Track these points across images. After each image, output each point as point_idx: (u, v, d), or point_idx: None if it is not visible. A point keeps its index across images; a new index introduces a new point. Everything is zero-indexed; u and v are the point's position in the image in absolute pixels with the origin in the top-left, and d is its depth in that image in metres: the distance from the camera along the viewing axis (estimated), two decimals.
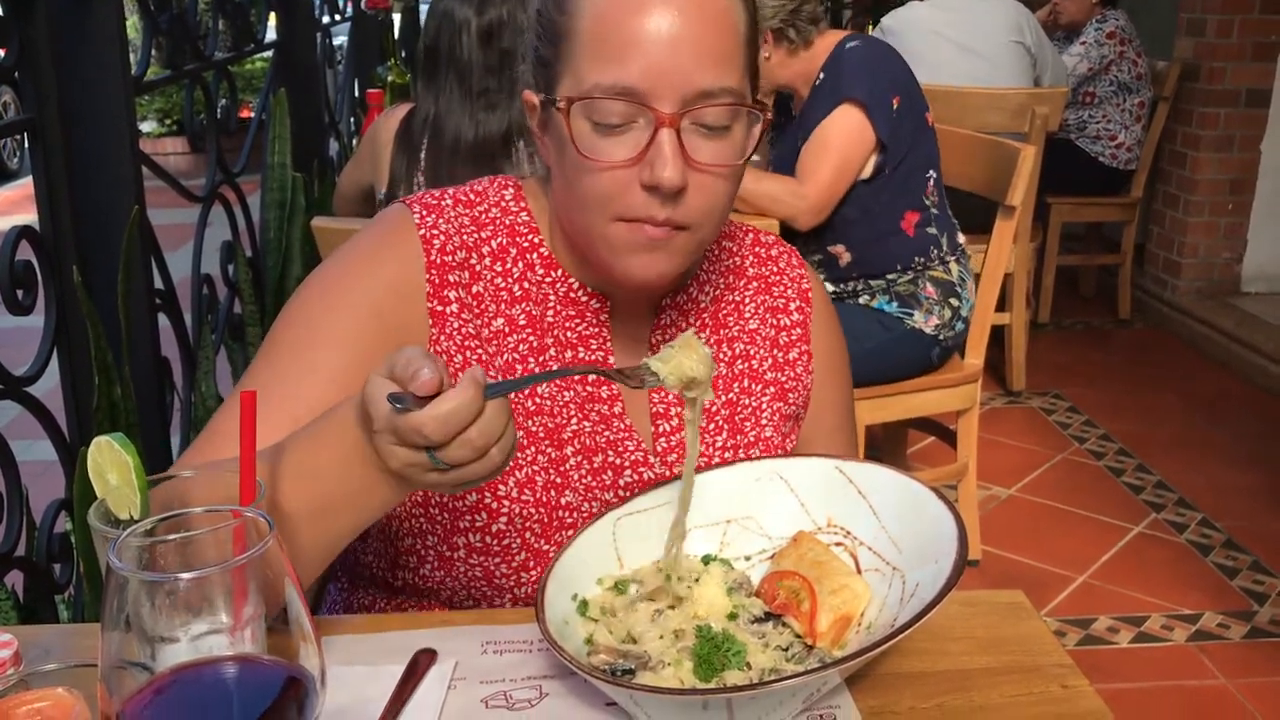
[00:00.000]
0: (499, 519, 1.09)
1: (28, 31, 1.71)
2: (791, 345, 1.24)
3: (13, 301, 1.64)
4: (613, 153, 1.01)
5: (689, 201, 1.01)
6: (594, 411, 1.14)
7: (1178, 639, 2.78)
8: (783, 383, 1.23)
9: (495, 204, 1.17)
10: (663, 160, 0.99)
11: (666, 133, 0.99)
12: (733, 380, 1.21)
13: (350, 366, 1.06)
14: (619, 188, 1.01)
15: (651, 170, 0.99)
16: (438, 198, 1.16)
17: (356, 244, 1.14)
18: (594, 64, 1.00)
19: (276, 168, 2.76)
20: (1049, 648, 1.02)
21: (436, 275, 1.11)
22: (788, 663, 0.95)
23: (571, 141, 1.01)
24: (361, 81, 3.98)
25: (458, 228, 1.13)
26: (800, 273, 1.28)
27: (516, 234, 1.15)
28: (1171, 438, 3.90)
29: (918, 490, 1.01)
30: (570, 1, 1.02)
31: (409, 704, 0.93)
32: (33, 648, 0.97)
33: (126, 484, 0.86)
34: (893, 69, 2.68)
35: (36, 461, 1.90)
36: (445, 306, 1.11)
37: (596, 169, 1.01)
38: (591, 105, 1.00)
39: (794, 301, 1.26)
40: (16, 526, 1.67)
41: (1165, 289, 5.09)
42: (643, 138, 1.00)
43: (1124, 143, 4.73)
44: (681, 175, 0.99)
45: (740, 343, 1.22)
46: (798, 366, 1.24)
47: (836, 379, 1.30)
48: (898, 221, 2.71)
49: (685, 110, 0.99)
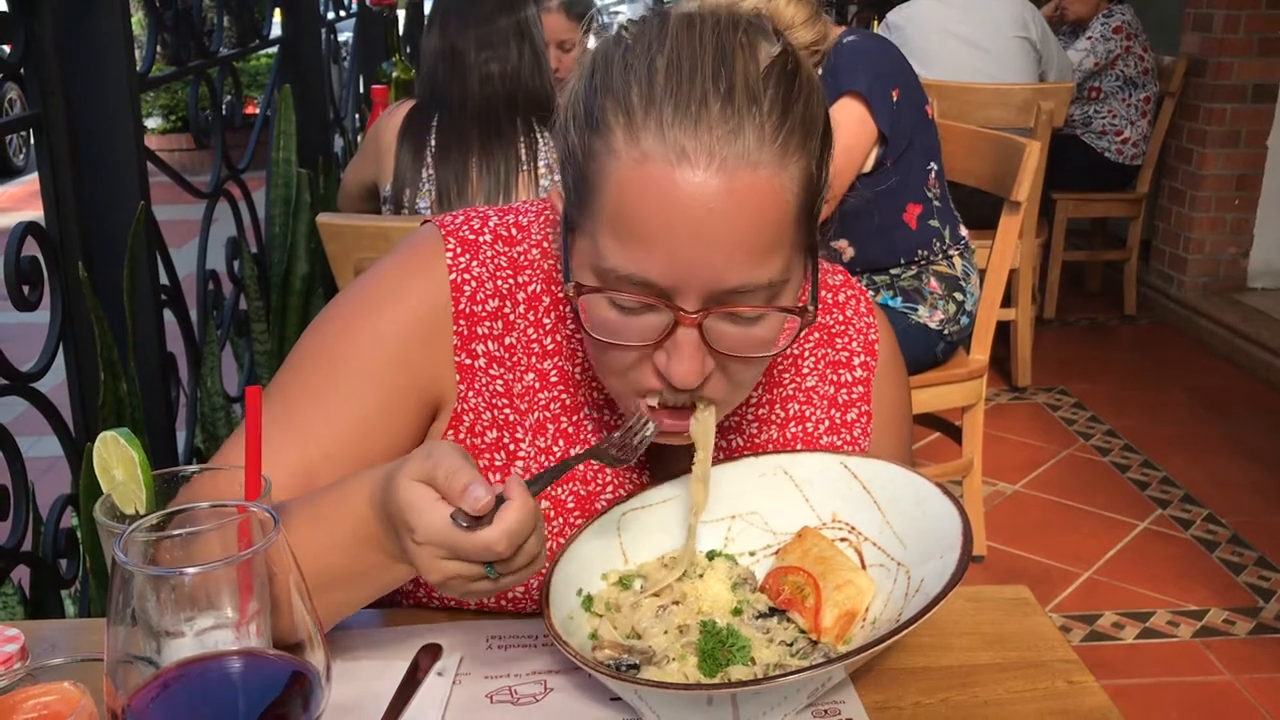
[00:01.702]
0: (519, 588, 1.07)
1: (33, 27, 1.71)
2: (851, 405, 1.14)
3: (19, 297, 1.64)
4: (629, 335, 0.90)
5: (710, 384, 0.92)
6: (627, 480, 1.09)
7: (1183, 635, 2.78)
8: (838, 447, 1.14)
9: (536, 244, 1.07)
10: (679, 358, 0.89)
11: (685, 332, 0.88)
12: (784, 445, 1.12)
13: (369, 415, 1.01)
14: (635, 364, 0.92)
15: (668, 363, 0.89)
16: (476, 230, 1.06)
17: (383, 275, 1.06)
18: (614, 245, 0.88)
19: (281, 164, 2.77)
20: (1054, 643, 1.02)
21: (466, 326, 1.03)
22: (792, 658, 0.95)
23: (582, 325, 0.92)
24: (366, 77, 3.98)
25: (493, 271, 1.04)
26: (868, 321, 1.16)
27: (554, 282, 1.06)
28: (1177, 434, 3.89)
29: (923, 486, 1.01)
30: (595, 153, 0.89)
31: (414, 699, 0.93)
32: (39, 642, 0.98)
33: (132, 479, 0.87)
34: (890, 61, 2.67)
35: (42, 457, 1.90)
36: (474, 360, 1.03)
37: (608, 349, 0.93)
38: (606, 292, 0.90)
39: (858, 356, 1.14)
40: (23, 522, 1.67)
41: (1171, 285, 5.08)
42: (661, 322, 0.89)
43: (1130, 138, 4.72)
44: (699, 374, 0.90)
45: (795, 403, 1.13)
46: (855, 429, 1.14)
47: (895, 442, 1.18)
48: (899, 214, 2.70)
49: (709, 309, 0.88)
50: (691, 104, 0.85)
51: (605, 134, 0.88)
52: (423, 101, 2.35)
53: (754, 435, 1.12)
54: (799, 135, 0.88)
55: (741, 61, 0.87)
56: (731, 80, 0.86)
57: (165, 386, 2.03)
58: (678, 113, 0.85)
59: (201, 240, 2.38)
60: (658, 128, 0.85)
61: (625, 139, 0.87)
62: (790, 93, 0.88)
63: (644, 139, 0.86)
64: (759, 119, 0.86)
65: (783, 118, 0.87)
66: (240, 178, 2.57)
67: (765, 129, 0.86)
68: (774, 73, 0.88)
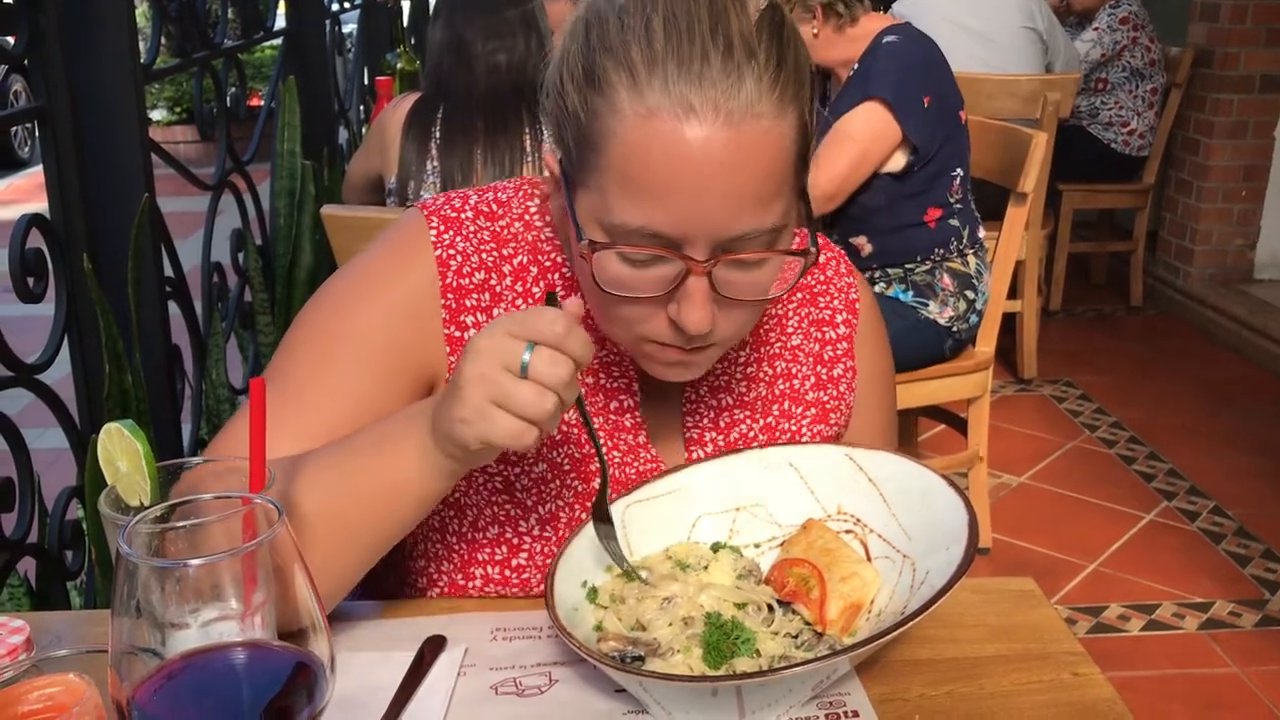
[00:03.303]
0: (519, 554, 1.08)
1: (37, 19, 1.71)
2: (836, 361, 1.17)
3: (24, 289, 1.64)
4: (639, 288, 0.93)
5: (716, 329, 0.95)
6: (621, 441, 1.10)
7: (1189, 627, 2.77)
8: (825, 403, 1.17)
9: (519, 217, 1.10)
10: (691, 306, 0.92)
11: (696, 280, 0.91)
12: (772, 402, 1.15)
13: (367, 391, 1.03)
14: (645, 315, 0.95)
15: (680, 312, 0.93)
16: (457, 208, 1.09)
17: (372, 258, 1.09)
18: (623, 200, 0.90)
19: (286, 156, 2.76)
20: (1060, 635, 1.02)
21: (453, 299, 1.05)
22: (797, 650, 0.95)
23: (595, 280, 0.94)
24: (371, 69, 3.98)
25: (476, 245, 1.07)
26: (849, 280, 1.20)
27: (539, 252, 1.09)
28: (1183, 425, 3.88)
29: (928, 477, 1.01)
30: (599, 112, 0.91)
31: (419, 691, 0.93)
32: (44, 634, 0.98)
33: (137, 471, 0.87)
34: (927, 67, 2.66)
35: (48, 449, 1.91)
36: (463, 333, 1.05)
37: (619, 303, 0.95)
38: (618, 248, 0.92)
39: (841, 314, 1.18)
40: (28, 513, 1.67)
41: (1178, 276, 5.07)
42: (671, 273, 0.92)
43: (1136, 129, 4.70)
44: (710, 320, 0.93)
45: (782, 360, 1.16)
46: (841, 384, 1.17)
47: (879, 398, 1.22)
48: (920, 215, 2.70)
49: (718, 257, 0.91)
50: (694, 60, 0.88)
51: (608, 92, 0.90)
52: (428, 93, 2.34)
53: (743, 394, 1.15)
54: (793, 85, 0.91)
55: (734, 16, 0.90)
56: (728, 35, 0.88)
57: (170, 378, 2.03)
58: (681, 69, 0.88)
59: (206, 232, 2.38)
60: (662, 84, 0.88)
61: (629, 96, 0.89)
62: (782, 44, 0.91)
63: (649, 95, 0.88)
64: (758, 71, 0.89)
65: (778, 69, 0.90)
66: (245, 170, 2.57)
67: (764, 80, 0.89)
68: (765, 25, 0.91)
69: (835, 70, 2.78)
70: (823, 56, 2.75)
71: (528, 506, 1.08)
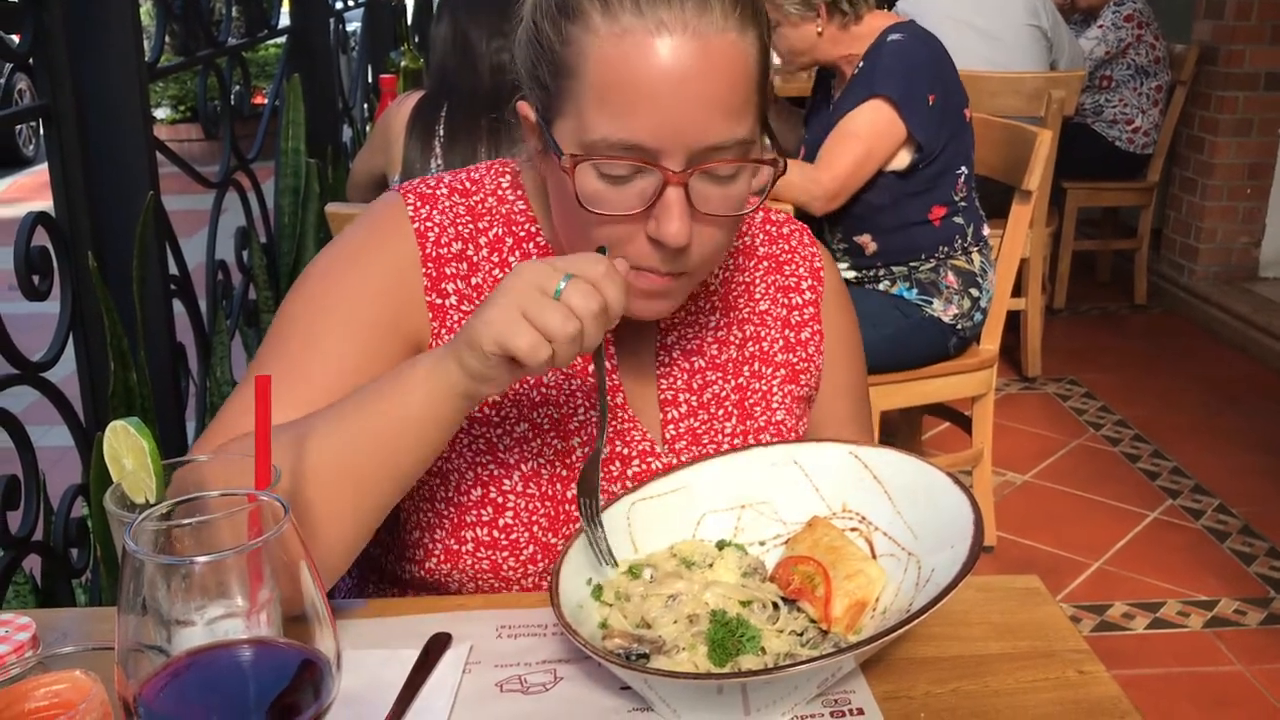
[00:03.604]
0: (505, 513, 1.09)
1: (42, 18, 1.71)
2: (804, 325, 1.23)
3: (29, 287, 1.65)
4: (618, 205, 0.98)
5: (692, 251, 1.00)
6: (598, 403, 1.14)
7: (1194, 625, 2.77)
8: (794, 364, 1.22)
9: (491, 192, 1.15)
10: (669, 218, 0.97)
11: (674, 191, 0.96)
12: (743, 363, 1.20)
13: (360, 359, 1.06)
14: (624, 236, 1.00)
15: (659, 226, 0.98)
16: (432, 186, 1.14)
17: (352, 237, 1.13)
18: (601, 116, 0.96)
19: (290, 153, 2.77)
20: (1065, 633, 1.02)
21: (434, 268, 1.10)
22: (802, 648, 0.94)
23: (576, 196, 0.98)
24: (375, 67, 3.98)
25: (453, 219, 1.12)
26: (812, 250, 1.26)
27: (513, 223, 1.14)
28: (1188, 423, 3.88)
29: (933, 475, 1.01)
30: (573, 38, 0.97)
31: (424, 688, 0.93)
32: (50, 631, 0.98)
33: (142, 468, 0.87)
34: (931, 64, 2.65)
35: (53, 447, 1.91)
36: (444, 300, 1.10)
37: (601, 222, 0.99)
38: (598, 159, 0.97)
39: (806, 280, 1.24)
40: (34, 511, 1.68)
41: (1182, 274, 5.06)
42: (649, 188, 0.97)
43: (1141, 127, 4.70)
44: (688, 233, 0.98)
45: (751, 324, 1.21)
46: (809, 347, 1.23)
47: (848, 361, 1.28)
48: (924, 213, 2.70)
49: (694, 167, 0.97)
50: None
51: (581, 19, 0.97)
52: (432, 91, 2.34)
53: (715, 356, 1.19)
54: (751, 9, 0.99)
55: None
56: None
57: (175, 376, 2.03)
58: None
59: (211, 230, 2.38)
60: (634, 6, 0.95)
61: (603, 19, 0.96)
62: None
63: (622, 16, 0.95)
64: None
65: None
66: (249, 168, 2.57)
67: (726, 2, 0.96)
68: None
69: (840, 68, 2.78)
70: (827, 54, 2.75)
71: (510, 465, 1.10)
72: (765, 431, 1.18)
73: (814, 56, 2.77)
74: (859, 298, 2.80)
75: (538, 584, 1.11)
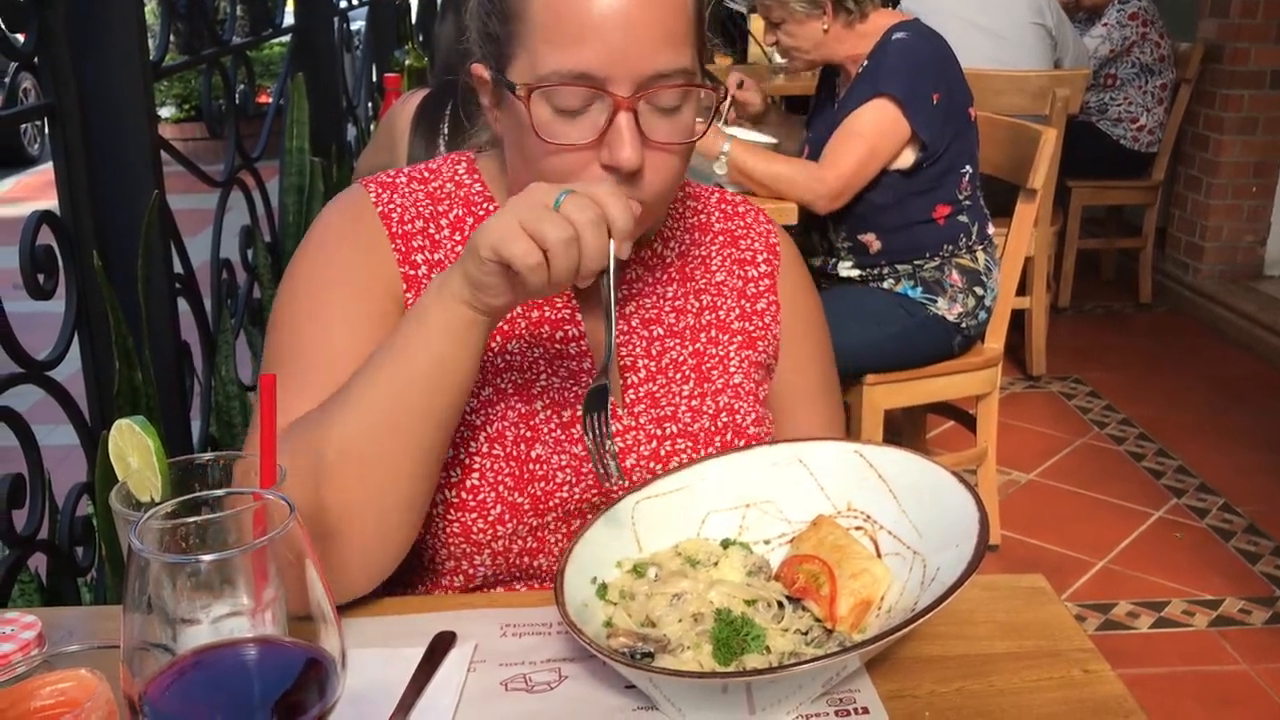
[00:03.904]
0: (472, 475, 1.11)
1: (47, 17, 1.71)
2: (759, 296, 1.27)
3: (34, 286, 1.65)
4: (572, 135, 1.04)
5: (645, 178, 1.05)
6: (563, 367, 1.18)
7: (1199, 624, 2.77)
8: (750, 331, 1.25)
9: (449, 179, 1.21)
10: (620, 143, 1.02)
11: (624, 116, 1.02)
12: (700, 330, 1.23)
13: (360, 336, 1.10)
14: (579, 167, 1.05)
15: (611, 152, 1.03)
16: (391, 177, 1.20)
17: (325, 227, 1.18)
18: (550, 49, 1.02)
19: (295, 152, 2.77)
20: (1070, 632, 1.01)
21: (402, 244, 1.16)
22: (807, 646, 0.94)
23: (532, 127, 1.03)
24: (379, 66, 3.98)
25: (413, 201, 1.18)
26: (768, 228, 1.31)
27: (473, 204, 1.20)
28: (1193, 422, 3.87)
29: (938, 474, 1.01)
30: None
31: (429, 686, 0.93)
32: (56, 629, 0.98)
33: (147, 467, 0.87)
34: (936, 62, 2.65)
35: (58, 446, 1.91)
36: (415, 270, 1.15)
37: (557, 152, 1.04)
38: (550, 91, 1.02)
39: (761, 254, 1.29)
40: (39, 510, 1.68)
41: (1187, 273, 5.05)
42: (600, 120, 1.03)
43: (1146, 125, 4.69)
44: (639, 156, 1.03)
45: (708, 294, 1.25)
46: (765, 316, 1.27)
47: (810, 333, 1.31)
48: (929, 212, 2.70)
49: (641, 93, 1.02)
50: None
51: None
52: (436, 89, 2.34)
53: (672, 324, 1.24)
54: None
55: None
56: None
57: (180, 375, 2.03)
58: None
59: (215, 229, 2.38)
60: None
61: None
62: None
63: None
64: None
65: None
66: (254, 166, 2.57)
67: None
68: None
69: (844, 66, 2.77)
70: (832, 52, 2.74)
71: (476, 426, 1.13)
72: (722, 394, 1.21)
73: (819, 54, 2.77)
74: (863, 296, 2.83)
75: (506, 547, 1.13)
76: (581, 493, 1.13)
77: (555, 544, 1.14)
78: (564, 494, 1.13)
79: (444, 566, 1.14)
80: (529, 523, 1.12)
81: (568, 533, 1.14)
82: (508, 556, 1.13)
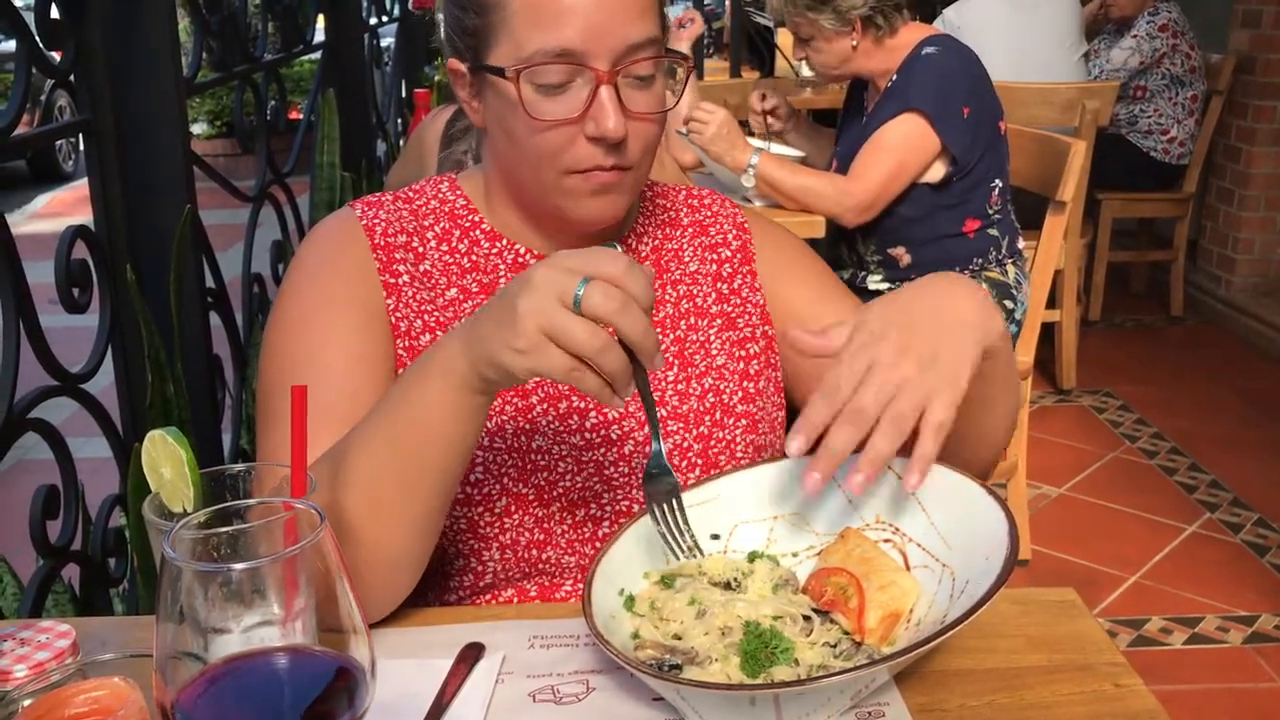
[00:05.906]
0: (476, 468, 1.13)
1: (83, 36, 1.73)
2: (735, 274, 1.30)
3: (69, 300, 1.67)
4: (557, 111, 1.09)
5: (629, 146, 1.11)
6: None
7: (1233, 641, 2.73)
8: (729, 313, 1.28)
9: (433, 197, 1.25)
10: (605, 114, 1.08)
11: (606, 89, 1.08)
12: (679, 318, 1.26)
13: (355, 361, 1.13)
14: (566, 142, 1.10)
15: (596, 124, 1.08)
16: (377, 197, 1.25)
17: (312, 248, 1.21)
18: (532, 30, 1.07)
19: (325, 168, 2.79)
20: (1101, 646, 1.01)
21: (384, 255, 1.19)
22: (835, 659, 0.94)
23: (521, 105, 1.08)
24: (408, 82, 4.01)
25: (397, 217, 1.22)
26: (734, 211, 1.35)
27: (457, 217, 1.24)
28: (1225, 436, 3.83)
29: (968, 487, 1.00)
30: None
31: (457, 698, 0.93)
32: (89, 638, 0.99)
33: (180, 477, 0.88)
34: (967, 78, 2.64)
35: (92, 458, 1.93)
36: (397, 279, 1.18)
37: (545, 128, 1.09)
38: (534, 70, 1.08)
39: (730, 232, 1.32)
40: (73, 521, 1.69)
41: (1219, 285, 5.00)
42: (583, 94, 1.09)
43: (1176, 137, 4.65)
44: (623, 125, 1.08)
45: (684, 284, 1.28)
46: (743, 291, 1.29)
47: (799, 260, 1.34)
48: (959, 226, 2.69)
49: (619, 66, 1.08)
50: None
51: None
52: None
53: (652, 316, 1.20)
54: None
55: None
56: None
57: (211, 387, 2.05)
58: None
59: (246, 243, 2.40)
60: None
61: None
62: None
63: None
64: None
65: None
66: (284, 182, 2.59)
67: None
68: None
69: (874, 80, 2.77)
70: (861, 67, 2.74)
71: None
72: (706, 376, 1.23)
73: (849, 70, 2.77)
74: None
75: (514, 540, 1.14)
76: (584, 481, 1.16)
77: (561, 535, 1.15)
78: (566, 483, 1.15)
79: (453, 566, 1.15)
80: (535, 513, 1.14)
81: (573, 523, 1.16)
82: (515, 550, 1.14)
